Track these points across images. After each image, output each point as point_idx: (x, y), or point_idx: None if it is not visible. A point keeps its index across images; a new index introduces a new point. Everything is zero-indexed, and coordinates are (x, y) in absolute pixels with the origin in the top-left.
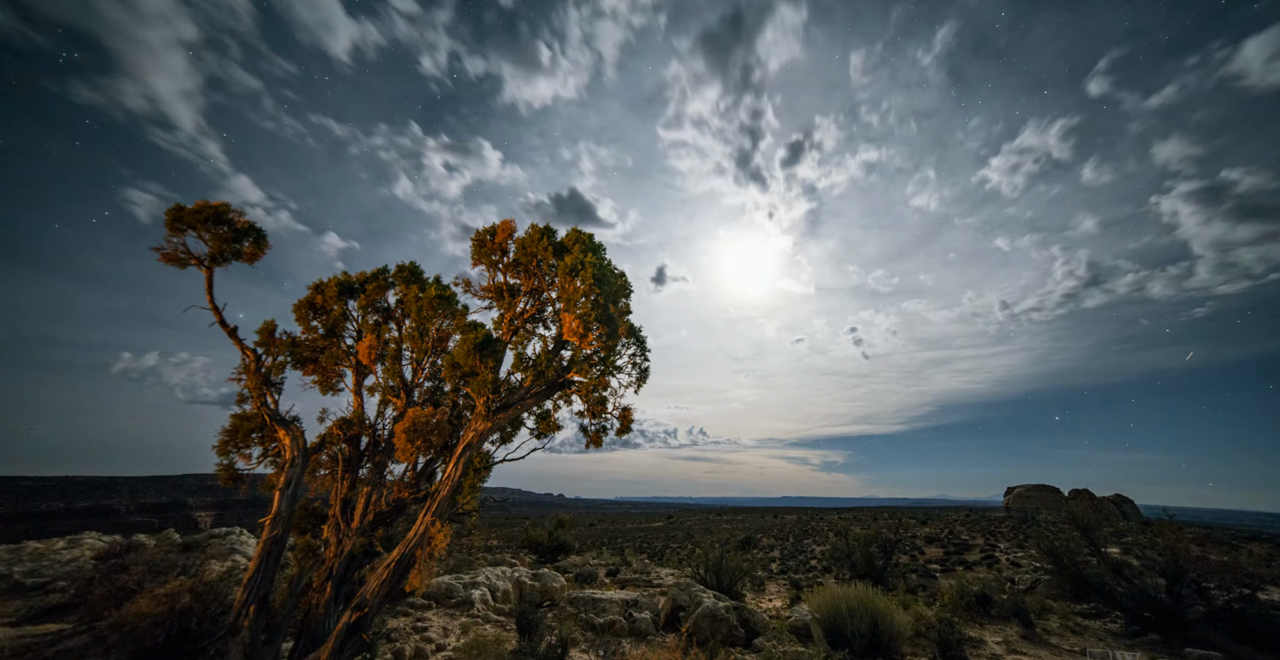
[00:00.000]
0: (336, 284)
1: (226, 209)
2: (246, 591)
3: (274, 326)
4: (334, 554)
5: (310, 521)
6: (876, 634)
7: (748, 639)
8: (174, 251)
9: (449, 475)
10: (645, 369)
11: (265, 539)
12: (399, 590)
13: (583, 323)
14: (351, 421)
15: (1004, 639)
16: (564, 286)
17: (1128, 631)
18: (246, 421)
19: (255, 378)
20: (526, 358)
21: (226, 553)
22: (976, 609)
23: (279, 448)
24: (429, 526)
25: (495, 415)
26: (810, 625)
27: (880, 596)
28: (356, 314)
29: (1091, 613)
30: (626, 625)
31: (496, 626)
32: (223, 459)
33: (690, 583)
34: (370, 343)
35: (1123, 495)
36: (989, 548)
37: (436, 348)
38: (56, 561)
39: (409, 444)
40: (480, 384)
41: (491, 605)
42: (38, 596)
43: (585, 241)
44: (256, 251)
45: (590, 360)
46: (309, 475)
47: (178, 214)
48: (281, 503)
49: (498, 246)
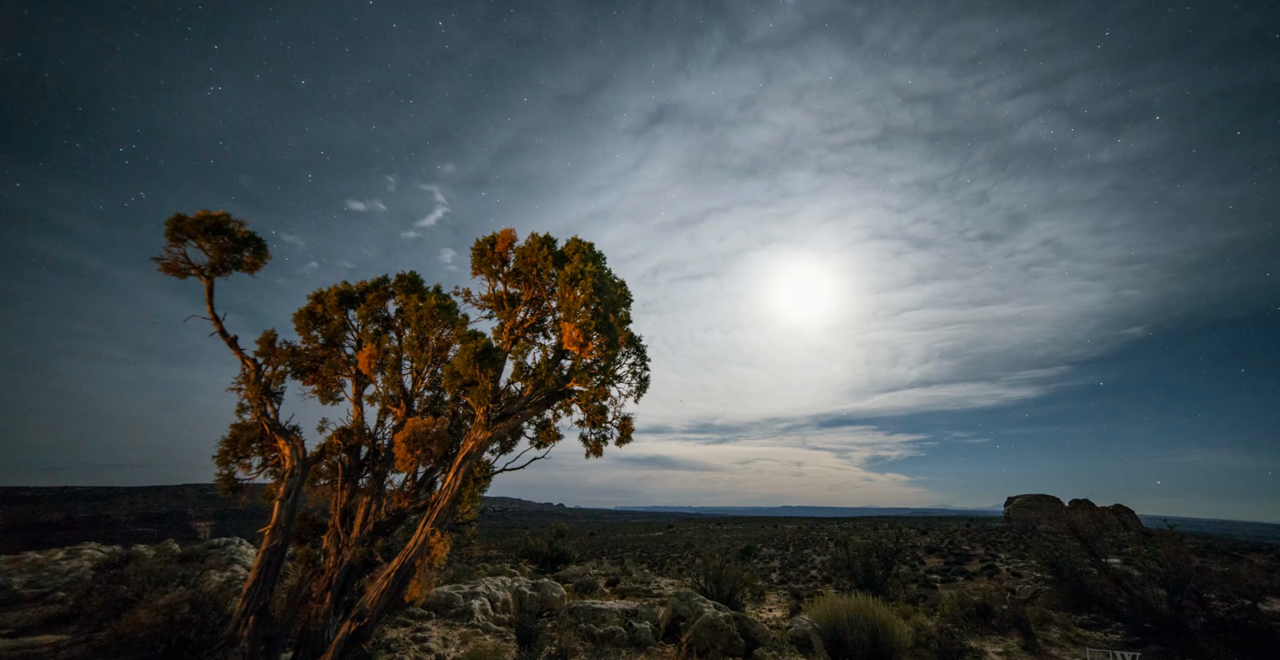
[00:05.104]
0: (336, 293)
1: (227, 219)
2: (246, 602)
3: (274, 336)
4: (333, 564)
5: (310, 531)
6: (877, 644)
7: (748, 649)
8: (174, 261)
9: (449, 485)
10: (645, 378)
11: (264, 549)
12: (398, 600)
13: (583, 332)
14: (351, 431)
15: (1005, 650)
16: (564, 296)
17: (1128, 642)
18: (246, 431)
19: (255, 388)
20: (527, 367)
21: (226, 563)
22: (977, 619)
23: (278, 458)
24: (429, 536)
25: (495, 425)
26: (811, 636)
27: (881, 606)
28: (357, 323)
29: (1092, 623)
30: (626, 635)
31: (496, 637)
32: (222, 469)
33: (690, 593)
34: (370, 352)
35: (1123, 505)
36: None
37: (437, 357)
38: (56, 572)
39: (409, 454)
40: (480, 393)
41: (491, 615)
42: (37, 607)
43: (585, 251)
44: (257, 261)
45: (590, 369)
46: (308, 485)
47: (178, 224)
48: (281, 513)
49: (498, 256)
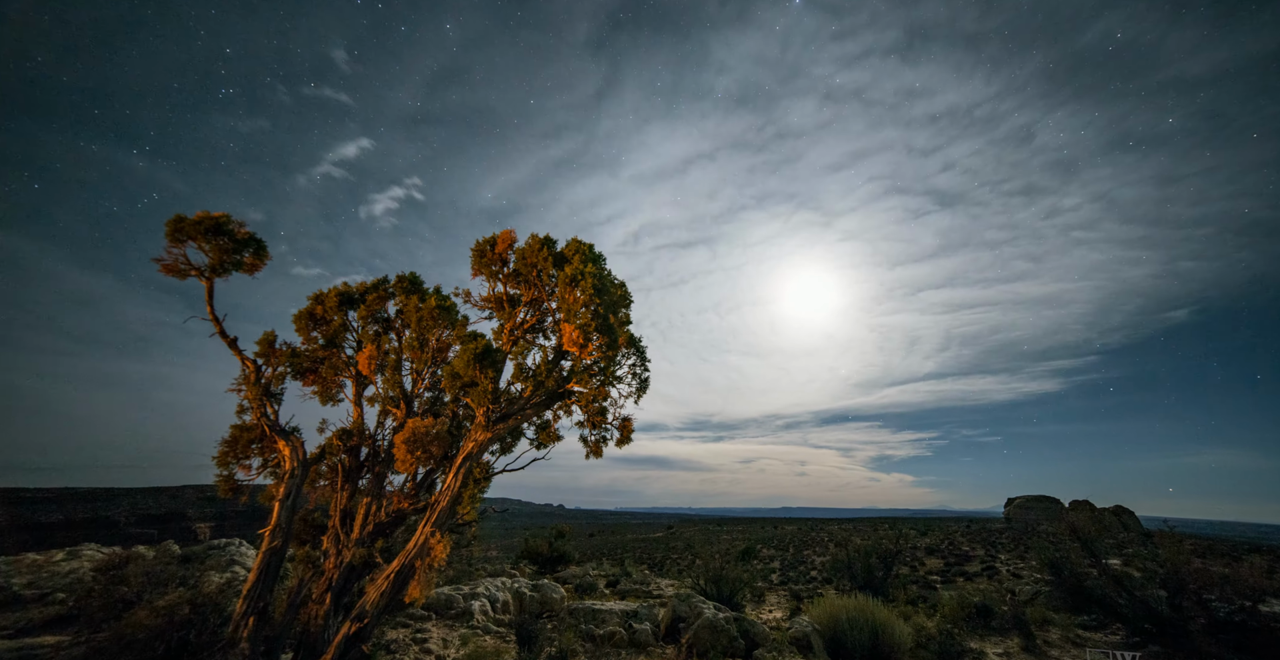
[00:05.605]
0: (336, 294)
1: (227, 219)
2: (245, 603)
3: (274, 337)
4: (333, 565)
5: (310, 532)
6: (877, 646)
7: (748, 650)
8: (175, 262)
9: (449, 486)
10: (645, 379)
11: (264, 550)
12: (398, 601)
13: (583, 333)
14: (351, 432)
15: (1005, 651)
16: (564, 297)
17: (1129, 643)
18: (246, 432)
19: (255, 389)
20: (527, 368)
21: (226, 564)
22: (977, 620)
23: (278, 459)
24: (429, 537)
25: (495, 426)
26: (810, 637)
27: (881, 608)
28: (356, 324)
29: (1092, 624)
30: (626, 636)
31: (496, 638)
32: (222, 470)
33: (690, 594)
34: (370, 353)
35: (1123, 506)
36: (989, 559)
37: (437, 358)
38: (55, 573)
39: (409, 455)
40: (480, 394)
41: (491, 616)
42: (36, 608)
43: (585, 252)
44: (257, 262)
45: (590, 370)
46: (309, 486)
47: (178, 224)
48: (281, 514)
49: (498, 257)
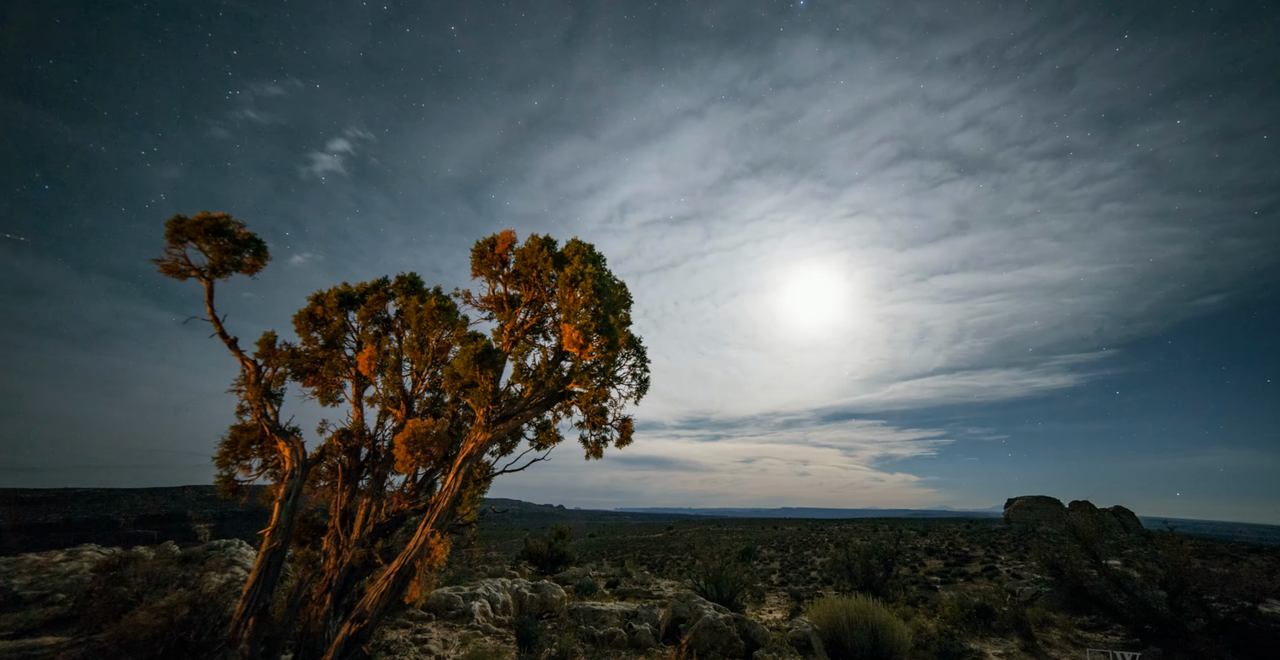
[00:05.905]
0: (336, 295)
1: (227, 220)
2: (245, 603)
3: (274, 338)
4: (333, 566)
5: (310, 533)
6: (877, 646)
7: (748, 651)
8: (174, 263)
9: (449, 486)
10: (645, 380)
11: (264, 551)
12: (398, 602)
13: (583, 333)
14: (351, 433)
15: (1005, 651)
16: (564, 297)
17: (1129, 644)
18: (246, 433)
19: (255, 389)
20: (527, 369)
21: (226, 565)
22: (977, 621)
23: (278, 459)
24: (429, 538)
25: (495, 426)
26: (810, 637)
27: (881, 608)
28: (357, 325)
29: (1093, 625)
30: (626, 637)
31: (496, 638)
32: (222, 471)
33: (690, 594)
34: (370, 354)
35: (1122, 507)
36: (990, 559)
37: (437, 359)
38: (55, 574)
39: (409, 455)
40: (480, 395)
41: (491, 617)
42: (36, 609)
43: (585, 252)
44: (257, 263)
45: (590, 371)
46: (309, 487)
47: (178, 225)
48: (281, 514)
49: (498, 257)
